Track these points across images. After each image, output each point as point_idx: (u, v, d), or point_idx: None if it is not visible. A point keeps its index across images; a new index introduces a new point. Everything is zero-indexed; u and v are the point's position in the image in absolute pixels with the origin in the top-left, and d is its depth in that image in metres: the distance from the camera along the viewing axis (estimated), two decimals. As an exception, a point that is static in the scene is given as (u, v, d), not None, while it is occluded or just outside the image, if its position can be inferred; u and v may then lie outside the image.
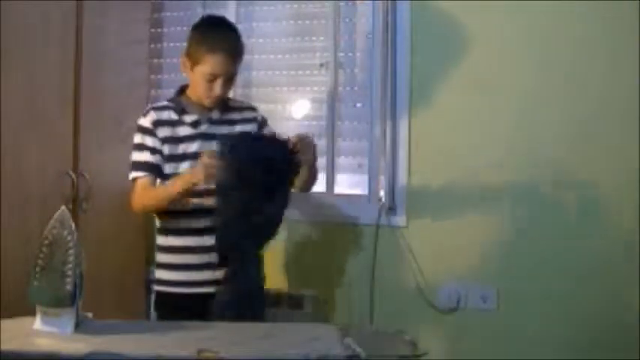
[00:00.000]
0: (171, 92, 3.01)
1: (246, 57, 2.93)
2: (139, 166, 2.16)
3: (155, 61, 3.05)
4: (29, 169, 2.26)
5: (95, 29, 2.48)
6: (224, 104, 2.23)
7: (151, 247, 2.24)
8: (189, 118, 2.18)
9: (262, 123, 2.29)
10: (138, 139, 2.18)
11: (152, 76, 3.02)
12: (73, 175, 2.40)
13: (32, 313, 1.71)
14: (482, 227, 2.56)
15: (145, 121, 2.18)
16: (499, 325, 2.54)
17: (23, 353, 1.55)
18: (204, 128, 2.18)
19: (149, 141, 2.16)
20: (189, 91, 2.21)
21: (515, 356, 2.48)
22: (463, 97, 2.60)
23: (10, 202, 2.14)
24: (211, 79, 2.11)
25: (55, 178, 2.35)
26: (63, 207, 1.74)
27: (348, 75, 2.83)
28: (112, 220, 2.63)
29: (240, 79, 2.96)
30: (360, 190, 2.78)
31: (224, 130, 2.18)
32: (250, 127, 2.24)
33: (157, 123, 2.17)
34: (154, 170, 2.15)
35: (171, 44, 3.08)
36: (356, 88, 2.83)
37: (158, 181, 2.15)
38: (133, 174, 2.16)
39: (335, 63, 2.79)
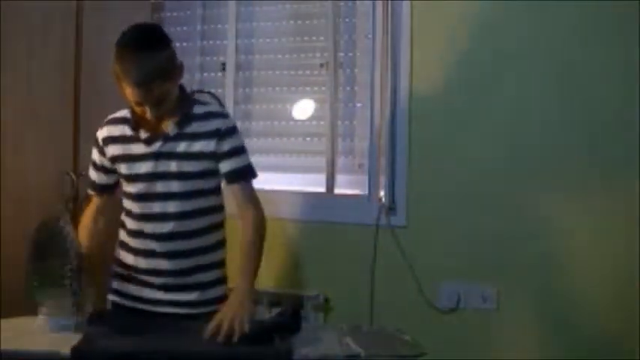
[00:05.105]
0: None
1: (246, 57, 2.98)
2: (88, 181, 2.05)
3: (155, 61, 3.04)
4: (29, 169, 2.26)
5: (95, 29, 2.48)
6: (185, 114, 1.92)
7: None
8: (143, 134, 1.91)
9: (224, 134, 1.93)
10: (92, 151, 2.02)
11: (152, 76, 3.01)
12: (73, 175, 2.40)
13: (32, 313, 1.71)
14: (482, 227, 2.56)
15: (98, 135, 1.99)
16: (499, 325, 2.54)
17: (23, 353, 1.55)
18: (157, 146, 1.90)
19: (96, 157, 2.00)
20: None
21: (515, 356, 2.48)
22: (463, 97, 2.60)
23: (10, 202, 2.14)
24: (138, 104, 1.85)
25: (55, 178, 2.35)
26: (63, 207, 1.74)
27: (348, 75, 2.83)
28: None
29: (240, 78, 2.98)
30: (360, 190, 2.78)
31: (182, 147, 1.90)
32: (206, 143, 1.91)
33: (108, 140, 1.96)
34: (97, 189, 2.03)
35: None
36: (356, 88, 2.82)
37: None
38: (88, 189, 2.06)
39: (335, 63, 2.79)
